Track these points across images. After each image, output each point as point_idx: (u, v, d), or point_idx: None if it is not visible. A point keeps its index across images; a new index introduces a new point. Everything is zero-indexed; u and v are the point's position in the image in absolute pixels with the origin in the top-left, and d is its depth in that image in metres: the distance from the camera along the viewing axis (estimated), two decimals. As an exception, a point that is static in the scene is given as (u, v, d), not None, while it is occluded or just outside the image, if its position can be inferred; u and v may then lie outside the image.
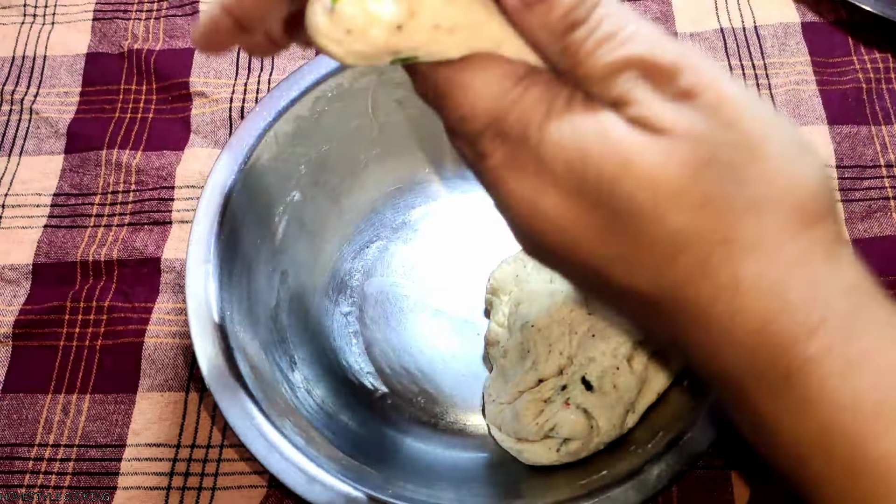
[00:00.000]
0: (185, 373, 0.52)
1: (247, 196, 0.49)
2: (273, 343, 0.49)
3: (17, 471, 0.50)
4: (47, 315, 0.55)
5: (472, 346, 0.53)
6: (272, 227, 0.52)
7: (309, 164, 0.53)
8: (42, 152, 0.61)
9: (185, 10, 0.67)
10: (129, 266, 0.56)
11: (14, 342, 0.54)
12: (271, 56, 0.59)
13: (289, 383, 0.48)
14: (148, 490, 0.49)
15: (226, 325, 0.45)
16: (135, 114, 0.63)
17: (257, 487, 0.49)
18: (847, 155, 0.59)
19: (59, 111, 0.63)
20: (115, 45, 0.66)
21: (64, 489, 0.49)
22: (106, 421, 0.51)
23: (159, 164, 0.60)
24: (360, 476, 0.43)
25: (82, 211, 0.59)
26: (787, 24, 0.65)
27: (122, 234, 0.57)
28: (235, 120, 0.62)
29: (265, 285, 0.51)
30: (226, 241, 0.48)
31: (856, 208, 0.57)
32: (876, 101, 0.61)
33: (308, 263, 0.54)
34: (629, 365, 0.44)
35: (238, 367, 0.44)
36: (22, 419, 0.51)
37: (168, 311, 0.55)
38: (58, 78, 0.65)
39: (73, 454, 0.50)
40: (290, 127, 0.51)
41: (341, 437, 0.46)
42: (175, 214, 0.58)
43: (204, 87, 0.63)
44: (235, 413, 0.42)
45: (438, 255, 0.56)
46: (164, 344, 0.53)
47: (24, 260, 0.57)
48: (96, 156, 0.61)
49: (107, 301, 0.55)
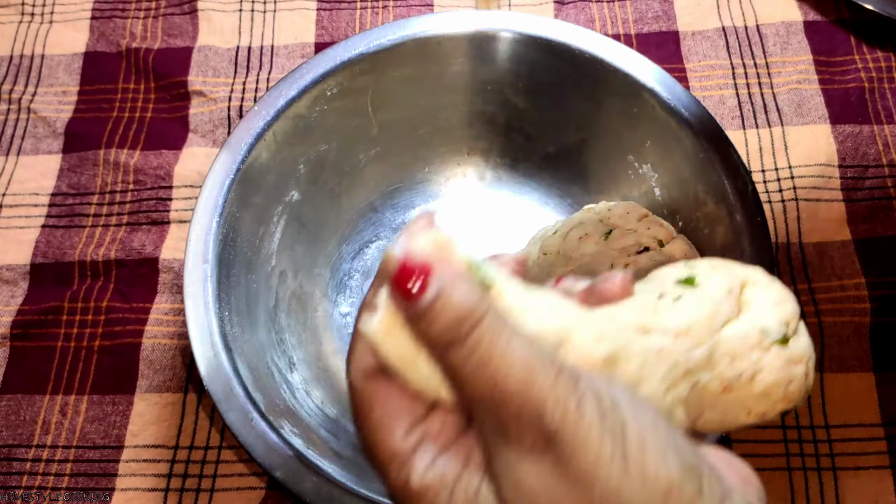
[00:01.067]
0: (184, 373, 0.52)
1: (245, 196, 0.49)
2: (272, 344, 0.49)
3: (14, 472, 0.50)
4: (45, 315, 0.54)
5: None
6: (271, 226, 0.52)
7: (308, 164, 0.52)
8: (40, 152, 0.61)
9: (182, 9, 0.67)
10: (128, 266, 0.56)
11: (11, 342, 0.54)
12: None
13: (288, 384, 0.47)
14: (146, 491, 0.49)
15: (224, 325, 0.45)
16: (133, 113, 0.62)
17: (256, 489, 0.48)
18: (849, 154, 0.58)
19: (57, 110, 0.63)
20: (112, 44, 0.66)
21: (62, 490, 0.49)
22: (104, 422, 0.51)
23: (157, 163, 0.60)
24: (359, 477, 0.42)
25: (80, 211, 0.58)
26: (789, 22, 0.64)
27: (120, 233, 0.57)
28: (234, 119, 0.61)
29: (264, 285, 0.51)
30: (224, 240, 0.47)
31: (858, 208, 0.56)
32: (878, 100, 0.61)
33: (307, 263, 0.54)
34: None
35: (237, 368, 0.44)
36: (20, 420, 0.51)
37: (166, 311, 0.54)
38: (55, 77, 0.64)
39: (71, 455, 0.50)
40: (289, 126, 0.50)
41: (341, 438, 0.46)
42: (173, 214, 0.58)
43: (202, 86, 0.63)
44: (234, 414, 0.42)
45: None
46: (162, 345, 0.53)
47: (21, 260, 0.57)
48: (94, 155, 0.60)
49: (105, 301, 0.54)
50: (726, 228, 0.47)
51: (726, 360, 0.27)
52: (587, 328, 0.25)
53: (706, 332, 0.27)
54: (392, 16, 0.66)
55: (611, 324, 0.26)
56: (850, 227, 0.56)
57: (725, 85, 0.62)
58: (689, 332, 0.27)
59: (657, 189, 0.53)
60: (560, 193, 0.57)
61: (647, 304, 0.27)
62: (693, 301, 0.27)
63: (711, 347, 0.27)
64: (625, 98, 0.51)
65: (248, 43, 0.65)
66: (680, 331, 0.27)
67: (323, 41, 0.65)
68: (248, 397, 0.43)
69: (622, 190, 0.54)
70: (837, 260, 0.55)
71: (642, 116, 0.51)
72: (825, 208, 0.57)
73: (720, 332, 0.27)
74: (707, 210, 0.49)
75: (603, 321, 0.26)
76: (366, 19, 0.66)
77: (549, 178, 0.57)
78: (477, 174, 0.58)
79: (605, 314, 0.26)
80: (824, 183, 0.57)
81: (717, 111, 0.61)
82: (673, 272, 0.29)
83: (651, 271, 0.46)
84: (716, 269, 0.29)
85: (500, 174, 0.58)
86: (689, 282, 0.28)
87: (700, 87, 0.62)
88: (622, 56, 0.50)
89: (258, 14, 0.66)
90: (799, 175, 0.58)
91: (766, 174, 0.58)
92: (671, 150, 0.50)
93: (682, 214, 0.51)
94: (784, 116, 0.60)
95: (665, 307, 0.27)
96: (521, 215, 0.56)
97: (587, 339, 0.25)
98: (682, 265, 0.30)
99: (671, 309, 0.27)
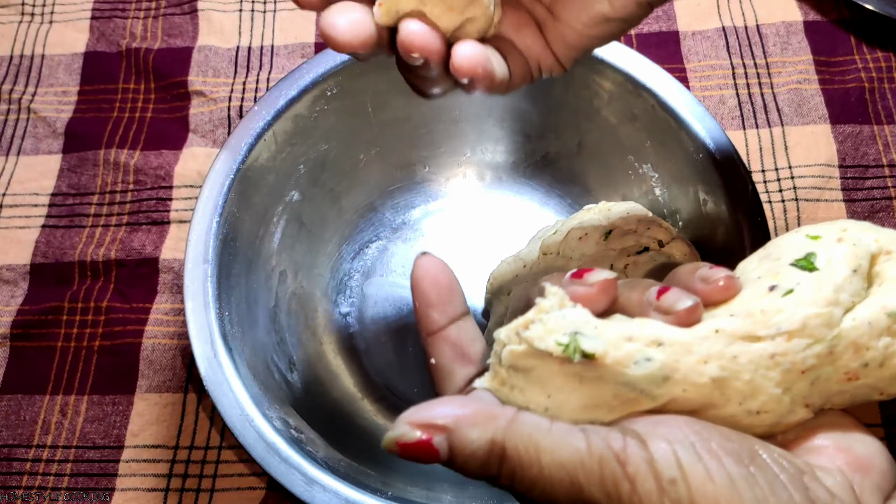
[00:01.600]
0: (184, 374, 0.52)
1: (245, 196, 0.49)
2: (272, 344, 0.49)
3: (15, 472, 0.50)
4: (45, 315, 0.54)
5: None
6: (271, 226, 0.52)
7: (308, 164, 0.52)
8: (40, 152, 0.61)
9: (183, 9, 0.67)
10: (128, 266, 0.56)
11: (12, 343, 0.54)
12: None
13: (288, 384, 0.47)
14: (146, 491, 0.49)
15: (224, 325, 0.45)
16: (133, 113, 0.62)
17: (256, 489, 0.48)
18: (850, 154, 0.58)
19: (57, 110, 0.63)
20: (113, 44, 0.66)
21: (62, 490, 0.49)
22: (104, 422, 0.51)
23: (157, 163, 0.60)
24: (359, 478, 0.42)
25: (80, 211, 0.58)
26: (789, 22, 0.64)
27: (120, 234, 0.57)
28: (234, 119, 0.61)
29: (264, 286, 0.51)
30: (224, 241, 0.47)
31: (858, 208, 0.56)
32: (878, 100, 0.61)
33: (307, 264, 0.54)
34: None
35: (237, 369, 0.44)
36: (20, 420, 0.51)
37: (166, 311, 0.54)
38: (56, 77, 0.64)
39: (71, 455, 0.50)
40: (289, 126, 0.50)
41: (340, 438, 0.46)
42: (173, 214, 0.58)
43: (202, 86, 0.63)
44: (234, 414, 0.42)
45: (438, 255, 0.56)
46: (162, 345, 0.53)
47: (21, 260, 0.57)
48: (94, 155, 0.60)
49: (105, 301, 0.54)
50: (726, 228, 0.47)
51: (850, 351, 0.24)
52: (691, 353, 0.24)
53: (825, 328, 0.24)
54: (392, 16, 0.66)
55: (715, 340, 0.24)
56: (851, 228, 0.56)
57: (725, 85, 0.62)
58: (804, 330, 0.24)
59: (657, 189, 0.53)
60: (560, 193, 0.57)
61: (754, 304, 0.25)
62: (809, 291, 0.24)
63: (832, 343, 0.24)
64: (625, 98, 0.51)
65: (249, 43, 0.65)
66: (794, 331, 0.24)
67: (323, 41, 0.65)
68: (247, 397, 0.43)
69: (622, 190, 0.54)
70: (837, 260, 0.54)
71: (642, 116, 0.51)
72: (825, 208, 0.57)
73: (841, 324, 0.24)
74: (707, 210, 0.49)
75: (706, 339, 0.24)
76: (366, 19, 0.66)
77: (549, 178, 0.57)
78: (477, 174, 0.58)
79: (708, 328, 0.24)
80: (824, 183, 0.57)
81: (717, 111, 0.61)
82: (792, 247, 0.26)
83: (651, 271, 0.46)
84: (842, 242, 0.26)
85: (500, 174, 0.58)
86: (807, 264, 0.25)
87: (700, 87, 0.62)
88: (622, 56, 0.50)
89: (258, 14, 0.66)
90: (799, 175, 0.58)
91: (766, 174, 0.58)
92: (671, 150, 0.50)
93: (683, 214, 0.51)
94: (784, 116, 0.60)
95: (775, 304, 0.24)
96: (521, 215, 0.56)
97: (692, 365, 0.24)
98: (804, 235, 0.26)
99: (783, 305, 0.24)
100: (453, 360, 0.28)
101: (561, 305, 0.25)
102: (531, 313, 0.25)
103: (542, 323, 0.25)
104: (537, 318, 0.25)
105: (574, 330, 0.24)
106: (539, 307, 0.25)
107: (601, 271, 0.26)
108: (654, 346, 0.24)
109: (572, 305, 0.25)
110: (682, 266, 0.27)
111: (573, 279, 0.26)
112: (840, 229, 0.26)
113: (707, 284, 0.26)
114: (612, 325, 0.25)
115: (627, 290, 0.26)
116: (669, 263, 0.47)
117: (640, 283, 0.27)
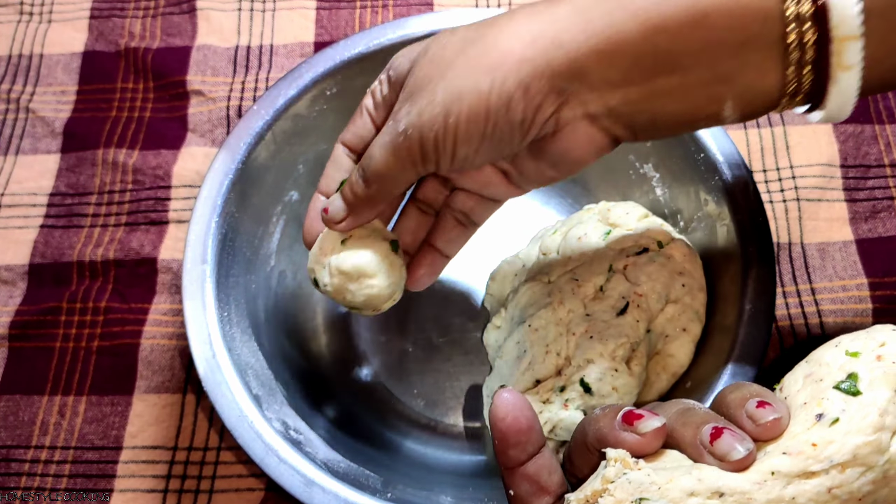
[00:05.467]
0: (182, 374, 0.52)
1: (244, 196, 0.49)
2: (271, 344, 0.49)
3: (13, 472, 0.49)
4: (43, 316, 0.54)
5: (471, 347, 0.53)
6: (270, 226, 0.52)
7: (307, 164, 0.52)
8: (38, 151, 0.61)
9: (181, 8, 0.66)
10: (126, 266, 0.56)
11: (10, 343, 0.53)
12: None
13: (287, 385, 0.47)
14: (145, 493, 0.49)
15: (223, 326, 0.45)
16: (131, 112, 0.62)
17: (255, 490, 0.48)
18: (851, 154, 0.58)
19: (56, 110, 0.63)
20: (111, 43, 0.65)
21: (61, 491, 0.49)
22: (102, 423, 0.51)
23: (156, 163, 0.60)
24: (359, 479, 0.42)
25: (78, 211, 0.58)
26: (789, 21, 0.64)
27: (118, 234, 0.57)
28: (233, 119, 0.61)
29: (263, 286, 0.50)
30: (223, 241, 0.47)
31: (860, 208, 0.56)
32: (880, 99, 0.60)
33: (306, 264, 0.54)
34: (628, 367, 0.44)
35: (235, 369, 0.44)
36: (18, 421, 0.51)
37: (165, 311, 0.54)
38: (54, 76, 0.64)
39: (70, 456, 0.50)
40: (289, 126, 0.50)
41: (340, 439, 0.46)
42: (172, 214, 0.58)
43: (201, 85, 0.63)
44: (233, 415, 0.42)
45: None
46: (161, 345, 0.53)
47: (20, 260, 0.56)
48: (92, 155, 0.60)
49: (103, 302, 0.54)
50: (727, 228, 0.47)
51: None
52: (752, 502, 0.25)
53: (876, 454, 0.25)
54: (392, 15, 0.66)
55: (773, 484, 0.25)
56: (852, 228, 0.55)
57: (726, 84, 0.62)
58: (856, 460, 0.25)
59: (658, 189, 0.52)
60: (560, 193, 0.57)
61: (803, 437, 0.26)
62: (856, 418, 0.25)
63: (884, 468, 0.25)
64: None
65: (248, 42, 0.65)
66: (847, 462, 0.25)
67: (322, 40, 0.65)
68: (247, 398, 0.43)
69: (622, 190, 0.54)
70: (839, 260, 0.54)
71: (643, 116, 0.51)
72: (826, 208, 0.56)
73: (890, 447, 0.25)
74: (708, 210, 0.49)
75: (764, 484, 0.25)
76: (365, 18, 0.66)
77: (550, 177, 0.57)
78: (477, 174, 0.58)
79: (764, 471, 0.25)
80: (826, 183, 0.57)
81: (717, 111, 0.60)
82: (832, 365, 0.27)
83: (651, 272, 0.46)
84: (881, 361, 0.26)
85: (500, 174, 0.58)
86: (850, 387, 0.26)
87: (701, 86, 0.62)
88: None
89: (257, 13, 0.66)
90: (800, 175, 0.57)
91: (767, 174, 0.58)
92: (672, 149, 0.50)
93: (683, 214, 0.51)
94: (785, 116, 0.60)
95: (825, 435, 0.25)
96: (521, 215, 0.56)
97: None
98: (844, 352, 0.27)
99: (833, 436, 0.25)
100: (531, 493, 0.29)
101: (624, 466, 0.26)
102: (598, 483, 0.26)
103: (611, 494, 0.26)
104: (603, 487, 0.26)
105: (640, 496, 0.25)
106: (605, 477, 0.26)
107: (651, 418, 0.27)
108: (715, 496, 0.25)
109: (634, 462, 0.26)
110: (730, 394, 0.28)
111: (624, 423, 0.27)
112: (878, 344, 0.27)
113: (756, 425, 0.26)
114: (673, 482, 0.26)
115: (680, 427, 0.27)
116: (669, 264, 0.47)
117: (690, 416, 0.28)
